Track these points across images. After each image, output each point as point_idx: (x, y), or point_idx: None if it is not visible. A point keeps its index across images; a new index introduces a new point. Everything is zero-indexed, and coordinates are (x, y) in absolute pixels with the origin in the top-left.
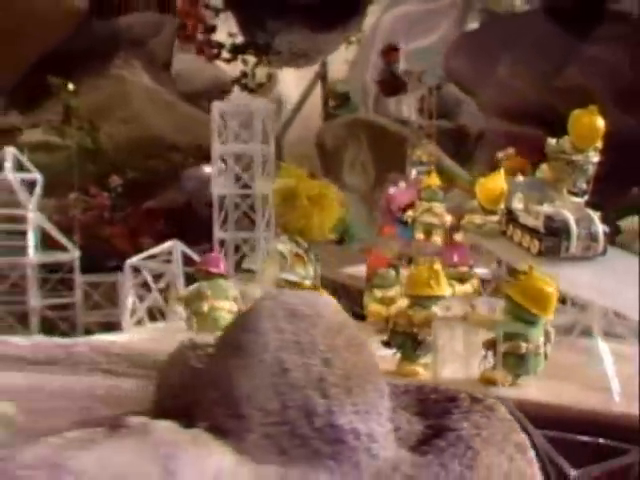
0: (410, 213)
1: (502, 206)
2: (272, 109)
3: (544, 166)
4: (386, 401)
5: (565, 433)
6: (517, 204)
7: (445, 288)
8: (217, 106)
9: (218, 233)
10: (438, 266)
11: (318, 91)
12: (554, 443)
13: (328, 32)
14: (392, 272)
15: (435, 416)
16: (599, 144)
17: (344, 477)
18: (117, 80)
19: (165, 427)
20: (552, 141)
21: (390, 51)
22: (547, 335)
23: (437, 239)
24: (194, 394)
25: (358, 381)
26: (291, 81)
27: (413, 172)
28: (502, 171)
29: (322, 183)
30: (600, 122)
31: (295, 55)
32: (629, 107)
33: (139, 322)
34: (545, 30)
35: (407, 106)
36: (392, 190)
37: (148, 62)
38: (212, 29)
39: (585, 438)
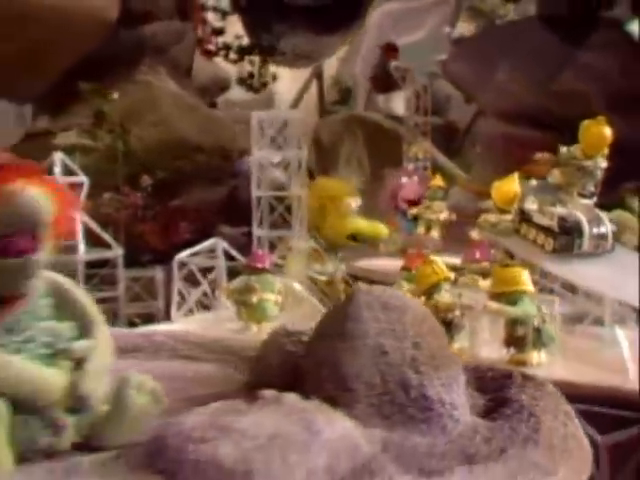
0: (414, 210)
1: (515, 206)
2: (302, 118)
3: (555, 171)
4: (462, 376)
5: (590, 406)
6: (531, 205)
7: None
8: (255, 115)
9: (256, 231)
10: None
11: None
12: (580, 414)
13: (331, 35)
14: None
15: (493, 391)
16: (606, 151)
17: (434, 438)
18: (144, 85)
19: (294, 398)
20: (564, 149)
21: (389, 49)
22: (540, 309)
23: (435, 234)
24: (296, 374)
25: (441, 360)
26: (283, 78)
27: (410, 168)
28: (516, 175)
29: (342, 186)
30: (607, 131)
31: (298, 56)
32: (619, 110)
33: (189, 313)
34: (541, 37)
35: (397, 103)
36: (399, 183)
37: (171, 68)
38: (220, 31)
39: (607, 410)
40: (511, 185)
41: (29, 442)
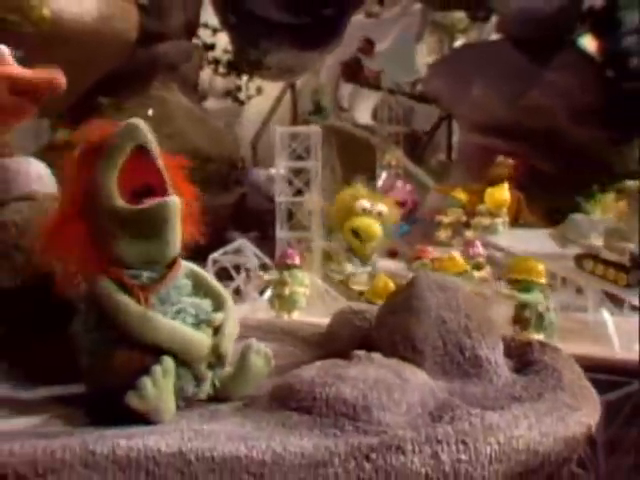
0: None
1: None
2: (320, 132)
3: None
4: (501, 342)
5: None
6: (596, 241)
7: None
8: (279, 130)
9: (278, 233)
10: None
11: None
12: None
13: (313, 50)
14: (429, 262)
15: (517, 355)
16: None
17: (484, 387)
18: (159, 100)
19: (379, 356)
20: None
21: (366, 44)
22: (546, 298)
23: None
24: (364, 344)
25: (487, 328)
26: (251, 89)
27: (383, 175)
28: (506, 183)
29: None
30: None
31: (282, 71)
32: (580, 123)
33: None
34: (512, 57)
35: (362, 113)
36: (391, 184)
37: (182, 84)
38: (210, 47)
39: (599, 376)
40: (502, 192)
41: (180, 390)
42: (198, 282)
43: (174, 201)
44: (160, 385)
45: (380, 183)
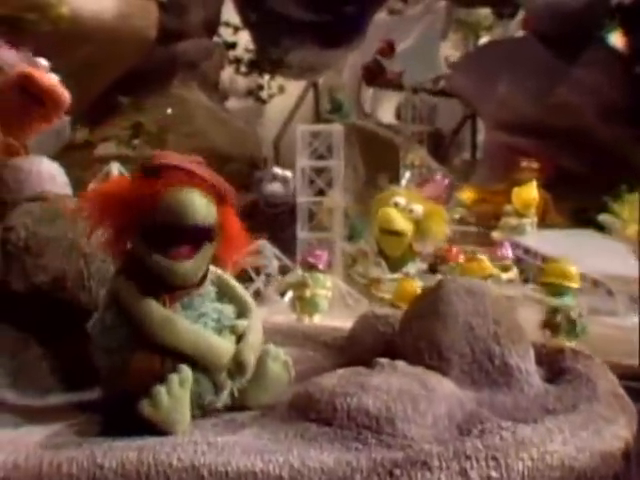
0: None
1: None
2: (342, 130)
3: None
4: (531, 349)
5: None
6: None
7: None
8: (300, 128)
9: (300, 234)
10: None
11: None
12: None
13: (335, 48)
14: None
15: (548, 362)
16: None
17: (514, 398)
18: (178, 99)
19: (403, 364)
20: None
21: (386, 46)
22: (578, 304)
23: None
24: (388, 350)
25: (516, 335)
26: (272, 88)
27: (407, 175)
28: (534, 182)
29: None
30: None
31: (304, 69)
32: (608, 121)
33: None
34: (538, 54)
35: (385, 111)
36: (429, 177)
37: (202, 83)
38: (232, 45)
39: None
40: (530, 191)
41: (197, 398)
42: (223, 288)
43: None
44: (176, 395)
45: (404, 183)
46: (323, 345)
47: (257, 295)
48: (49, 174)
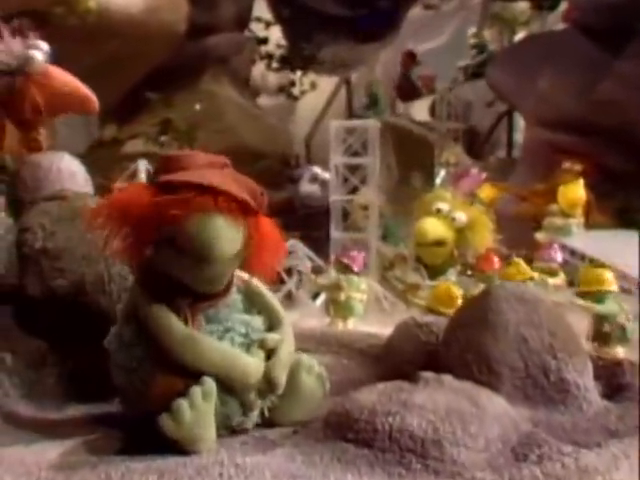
0: None
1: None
2: (378, 126)
3: None
4: (590, 363)
5: None
6: None
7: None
8: (334, 124)
9: (333, 233)
10: None
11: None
12: None
13: (368, 43)
14: (495, 274)
15: (606, 378)
16: None
17: (572, 416)
18: (208, 94)
19: (450, 379)
20: None
21: (408, 57)
22: (623, 307)
23: None
24: (430, 361)
25: (573, 348)
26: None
27: (442, 173)
28: (581, 180)
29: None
30: None
31: (336, 65)
32: None
33: None
34: (581, 47)
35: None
36: (465, 171)
37: (232, 78)
38: (263, 41)
39: None
40: (576, 190)
41: (225, 419)
42: (251, 296)
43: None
44: (199, 409)
45: (439, 181)
46: (358, 353)
47: (288, 297)
48: (69, 171)
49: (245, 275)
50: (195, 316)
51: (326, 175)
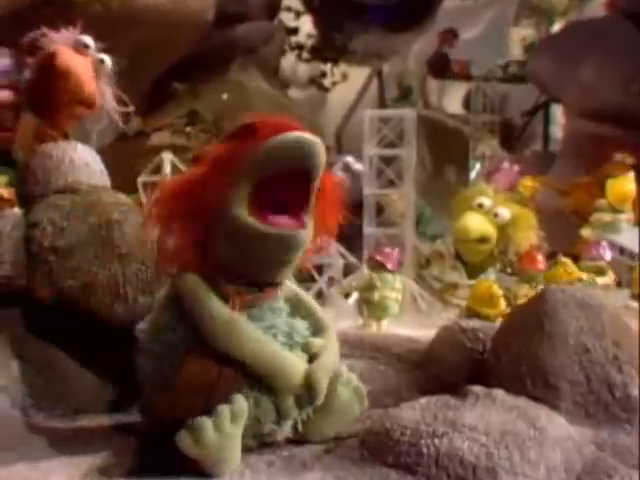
0: None
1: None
2: (415, 115)
3: None
4: None
5: None
6: None
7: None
8: (369, 113)
9: (366, 229)
10: None
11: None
12: None
13: (403, 32)
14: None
15: None
16: None
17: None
18: (236, 85)
19: (502, 394)
20: None
21: (448, 34)
22: None
23: None
24: (475, 370)
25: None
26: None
27: (477, 166)
28: (632, 174)
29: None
30: None
31: (369, 55)
32: None
33: None
34: (626, 34)
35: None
36: (497, 167)
37: (261, 68)
38: (294, 31)
39: None
40: (626, 183)
41: (256, 424)
42: (297, 304)
43: (304, 235)
44: (225, 432)
45: (474, 175)
46: (396, 359)
47: (319, 296)
48: (83, 162)
49: (294, 286)
50: (241, 308)
51: (358, 166)
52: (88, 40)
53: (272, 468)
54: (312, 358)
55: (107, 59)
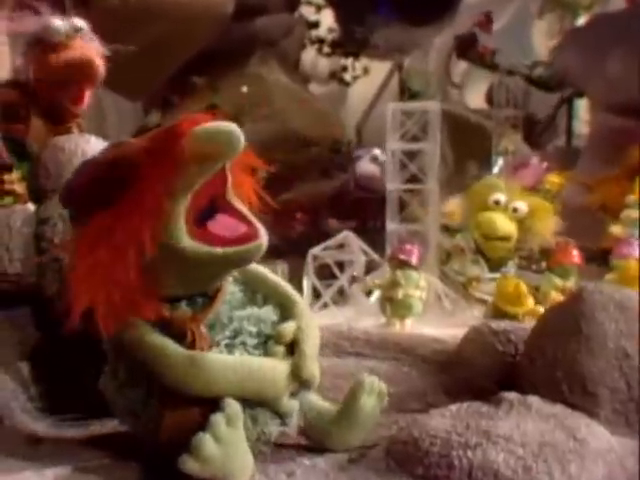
0: None
1: None
2: (440, 108)
3: None
4: None
5: None
6: None
7: None
8: (391, 106)
9: (389, 225)
10: None
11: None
12: None
13: (426, 25)
14: (574, 268)
15: None
16: None
17: None
18: (256, 78)
19: (538, 401)
20: None
21: (484, 19)
22: None
23: None
24: (505, 374)
25: None
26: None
27: (499, 162)
28: None
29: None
30: None
31: (391, 49)
32: None
33: (324, 306)
34: None
35: (474, 95)
36: (522, 162)
37: (281, 61)
38: (314, 25)
39: None
40: None
41: (261, 435)
42: (253, 284)
43: (264, 241)
44: (225, 439)
45: (496, 170)
46: (421, 360)
47: (340, 293)
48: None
49: None
50: (195, 331)
51: (385, 158)
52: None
53: (292, 478)
54: (291, 344)
55: (82, 23)
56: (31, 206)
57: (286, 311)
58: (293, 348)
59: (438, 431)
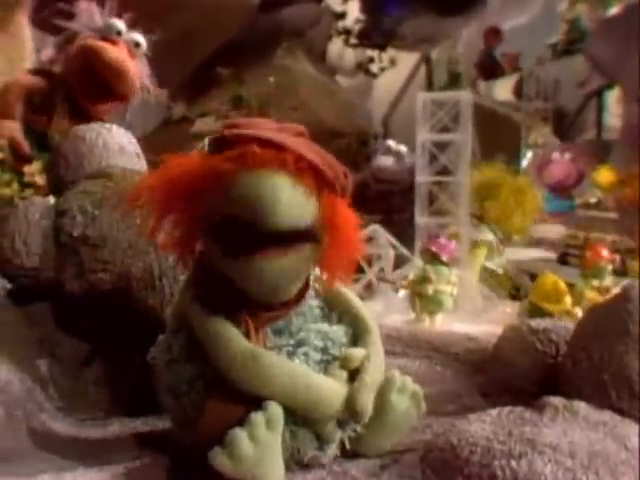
0: None
1: None
2: (472, 98)
3: None
4: None
5: None
6: None
7: None
8: (421, 96)
9: (419, 219)
10: None
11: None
12: None
13: (454, 16)
14: (609, 267)
15: None
16: None
17: None
18: (282, 70)
19: (585, 407)
20: None
21: (491, 33)
22: None
23: None
24: (547, 376)
25: None
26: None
27: (529, 155)
28: None
29: (524, 181)
30: None
31: (419, 40)
32: None
33: None
34: None
35: (500, 89)
36: (547, 159)
37: (308, 52)
38: (341, 16)
39: None
40: None
41: (296, 454)
42: (331, 302)
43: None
44: (262, 441)
45: (525, 163)
46: (454, 359)
47: (368, 288)
48: (118, 145)
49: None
50: (259, 328)
51: (401, 147)
52: (120, 25)
53: None
54: (353, 372)
55: (141, 40)
56: (51, 198)
57: (357, 336)
58: (353, 376)
59: (478, 438)
